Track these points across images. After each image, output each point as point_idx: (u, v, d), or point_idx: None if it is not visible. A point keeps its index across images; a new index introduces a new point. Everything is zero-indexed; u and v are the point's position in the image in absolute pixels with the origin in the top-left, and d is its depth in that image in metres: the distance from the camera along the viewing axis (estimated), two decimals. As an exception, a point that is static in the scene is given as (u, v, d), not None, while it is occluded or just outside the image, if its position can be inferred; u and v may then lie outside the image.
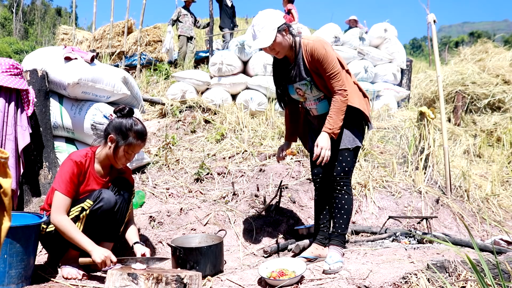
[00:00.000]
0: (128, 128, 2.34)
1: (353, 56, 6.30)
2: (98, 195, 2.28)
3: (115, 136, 2.33)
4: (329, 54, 2.30)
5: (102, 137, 2.43)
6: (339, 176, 2.41)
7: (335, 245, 2.39)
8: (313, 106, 2.51)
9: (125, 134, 2.33)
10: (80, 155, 2.34)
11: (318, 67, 2.33)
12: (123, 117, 2.39)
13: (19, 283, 2.07)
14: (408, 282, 1.95)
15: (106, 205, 2.28)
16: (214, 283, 2.27)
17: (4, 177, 1.02)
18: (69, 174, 2.24)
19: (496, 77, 6.87)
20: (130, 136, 2.34)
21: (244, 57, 5.82)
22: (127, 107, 2.42)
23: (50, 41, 19.15)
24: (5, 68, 2.90)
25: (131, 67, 8.27)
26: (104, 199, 2.27)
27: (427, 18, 3.96)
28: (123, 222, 2.47)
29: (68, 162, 2.29)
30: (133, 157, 2.44)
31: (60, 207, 2.20)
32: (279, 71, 2.57)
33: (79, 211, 2.26)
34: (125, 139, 2.33)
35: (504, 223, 3.61)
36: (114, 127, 2.36)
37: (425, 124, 4.03)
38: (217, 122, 5.10)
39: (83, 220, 2.26)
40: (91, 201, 2.26)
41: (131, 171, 2.68)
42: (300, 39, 2.41)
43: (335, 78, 2.31)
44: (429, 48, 13.43)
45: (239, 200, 3.42)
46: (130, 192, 2.49)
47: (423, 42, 57.16)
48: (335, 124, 2.31)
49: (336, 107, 2.32)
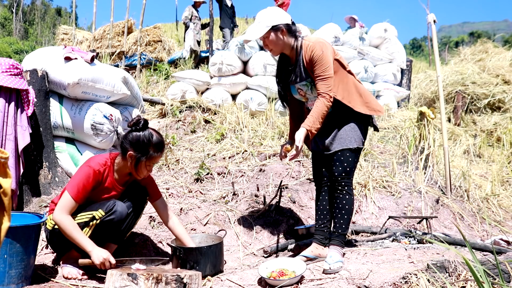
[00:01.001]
0: (147, 144, 2.27)
1: (353, 56, 6.30)
2: (112, 207, 2.26)
3: (135, 153, 2.27)
4: (324, 57, 2.29)
5: (119, 150, 2.35)
6: (340, 176, 2.41)
7: (335, 245, 2.39)
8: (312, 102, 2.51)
9: (145, 150, 2.27)
10: (100, 163, 2.30)
11: (312, 67, 2.33)
12: (138, 131, 2.30)
13: (19, 283, 2.08)
14: (408, 282, 1.95)
15: (117, 218, 2.28)
16: (214, 283, 2.27)
17: (4, 177, 1.02)
18: (83, 182, 2.22)
19: (496, 77, 6.87)
20: (150, 151, 2.28)
21: (244, 57, 5.82)
22: (142, 119, 2.33)
23: (50, 41, 19.16)
24: (5, 68, 2.90)
25: (131, 67, 8.27)
26: (116, 213, 2.27)
27: (427, 18, 3.96)
28: (131, 228, 2.50)
29: (86, 169, 2.25)
30: (153, 167, 2.43)
31: (66, 208, 2.19)
32: (282, 71, 2.59)
33: (90, 218, 2.24)
34: (145, 155, 2.28)
35: (504, 223, 3.60)
36: (132, 143, 2.28)
37: (425, 124, 4.03)
38: (217, 122, 5.10)
39: (92, 227, 2.25)
40: (103, 212, 2.25)
41: (153, 180, 2.59)
42: (303, 40, 2.41)
43: (323, 81, 2.30)
44: (429, 48, 13.45)
45: (239, 200, 3.42)
46: (144, 201, 2.49)
47: (423, 42, 57.15)
48: (314, 124, 2.31)
49: (319, 109, 2.30)
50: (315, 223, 2.61)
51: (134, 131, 2.30)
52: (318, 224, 2.58)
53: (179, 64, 8.06)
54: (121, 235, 2.47)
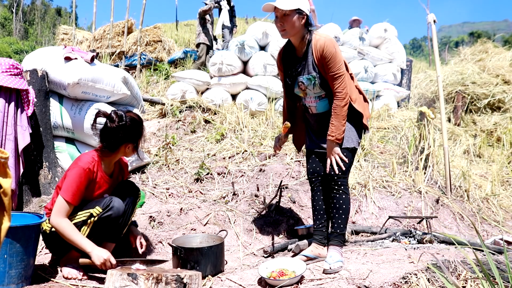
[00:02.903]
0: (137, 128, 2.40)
1: (353, 56, 6.30)
2: (109, 204, 2.27)
3: (133, 142, 2.40)
4: (338, 54, 2.31)
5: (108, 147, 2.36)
6: (337, 176, 2.42)
7: (334, 245, 2.40)
8: (313, 103, 2.51)
9: (139, 133, 2.42)
10: (88, 161, 2.30)
11: (324, 65, 2.33)
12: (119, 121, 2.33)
13: (19, 283, 2.08)
14: (408, 282, 1.95)
15: (115, 214, 2.29)
16: (214, 283, 2.27)
17: (4, 177, 1.02)
18: (76, 183, 2.22)
19: (496, 77, 6.87)
20: (142, 131, 2.44)
21: (244, 57, 5.81)
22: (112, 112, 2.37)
23: (50, 41, 19.14)
24: (5, 68, 2.90)
25: (131, 67, 8.26)
26: (113, 208, 2.28)
27: (427, 18, 3.96)
28: (127, 224, 2.50)
29: (77, 169, 2.24)
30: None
31: (62, 211, 2.19)
32: (286, 62, 2.54)
33: (87, 216, 2.25)
34: (141, 137, 2.44)
35: (504, 223, 3.60)
36: (126, 135, 2.35)
37: (425, 124, 4.03)
38: (217, 122, 5.10)
39: (90, 225, 2.26)
40: (100, 209, 2.26)
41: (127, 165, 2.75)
42: (313, 34, 2.41)
43: (338, 80, 2.31)
44: (429, 48, 13.44)
45: (239, 200, 3.42)
46: (136, 197, 2.52)
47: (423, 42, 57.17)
48: (338, 130, 2.33)
49: (337, 113, 2.32)
50: (313, 223, 2.63)
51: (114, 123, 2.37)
52: (316, 225, 2.59)
53: (182, 64, 8.02)
54: (118, 231, 2.46)
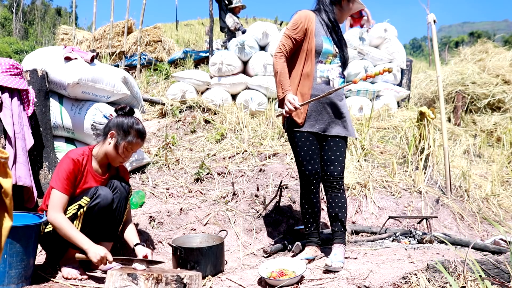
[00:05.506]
0: (130, 126, 2.38)
1: (353, 56, 6.30)
2: (95, 192, 2.28)
3: (116, 133, 2.37)
4: None
5: (102, 135, 2.46)
6: (339, 176, 2.44)
7: (340, 243, 2.41)
8: (336, 74, 2.48)
9: (127, 132, 2.37)
10: (78, 153, 2.35)
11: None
12: (124, 116, 2.44)
13: (19, 283, 2.07)
14: (408, 282, 1.95)
15: (103, 201, 2.28)
16: (214, 283, 2.27)
17: (4, 177, 1.01)
18: (65, 172, 2.25)
19: (496, 77, 6.87)
20: (131, 134, 2.37)
21: (244, 57, 5.81)
22: (128, 106, 2.49)
23: (50, 41, 19.14)
24: (5, 68, 2.89)
25: (131, 67, 8.26)
26: (101, 196, 2.28)
27: (427, 18, 3.96)
28: (121, 220, 2.47)
29: (65, 159, 2.30)
30: (130, 156, 2.48)
31: (57, 204, 2.20)
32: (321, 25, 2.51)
33: (77, 208, 2.26)
34: (126, 137, 2.36)
35: (504, 223, 3.60)
36: (116, 124, 2.40)
37: (425, 124, 4.03)
38: (217, 122, 5.10)
39: (81, 218, 2.26)
40: (88, 198, 2.27)
41: (127, 171, 2.73)
42: None
43: None
44: (429, 48, 13.45)
45: (239, 200, 3.42)
46: (127, 190, 2.50)
47: (423, 42, 57.18)
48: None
49: None
50: (309, 226, 2.58)
51: (120, 116, 2.44)
52: (308, 228, 2.58)
53: (182, 64, 8.02)
54: (113, 228, 2.44)
